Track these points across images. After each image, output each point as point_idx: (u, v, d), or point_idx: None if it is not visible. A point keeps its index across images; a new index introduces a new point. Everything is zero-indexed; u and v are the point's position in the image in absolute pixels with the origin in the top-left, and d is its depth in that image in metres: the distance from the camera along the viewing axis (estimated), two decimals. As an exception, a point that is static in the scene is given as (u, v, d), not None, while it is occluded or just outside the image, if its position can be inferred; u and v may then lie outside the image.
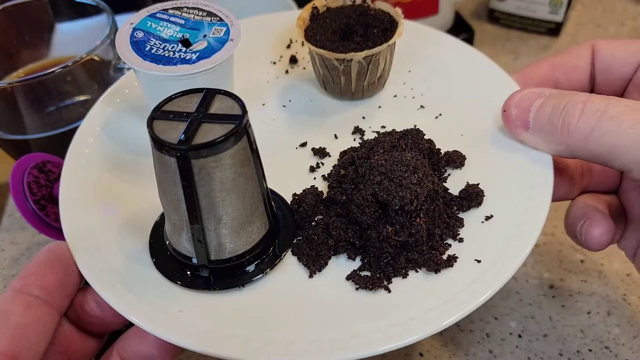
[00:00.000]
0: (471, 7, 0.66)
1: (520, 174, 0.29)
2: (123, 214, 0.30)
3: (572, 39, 0.60)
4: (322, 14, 0.34)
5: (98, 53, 0.39)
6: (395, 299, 0.25)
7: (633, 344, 0.34)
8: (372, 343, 0.24)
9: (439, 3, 0.50)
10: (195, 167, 0.22)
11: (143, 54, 0.29)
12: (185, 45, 0.29)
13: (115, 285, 0.26)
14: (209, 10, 0.31)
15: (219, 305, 0.26)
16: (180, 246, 0.26)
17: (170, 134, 0.22)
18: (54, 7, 0.44)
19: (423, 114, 0.34)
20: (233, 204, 0.24)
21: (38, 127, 0.40)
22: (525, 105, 0.29)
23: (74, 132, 0.39)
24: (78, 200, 0.30)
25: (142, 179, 0.31)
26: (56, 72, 0.36)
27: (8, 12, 0.43)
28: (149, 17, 0.30)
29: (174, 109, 0.23)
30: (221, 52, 0.29)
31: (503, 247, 0.26)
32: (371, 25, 0.33)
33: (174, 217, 0.25)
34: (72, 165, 0.31)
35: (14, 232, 0.45)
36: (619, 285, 0.37)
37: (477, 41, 0.59)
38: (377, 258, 0.26)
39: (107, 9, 0.42)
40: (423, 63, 0.37)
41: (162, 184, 0.24)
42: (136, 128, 0.33)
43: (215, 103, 0.24)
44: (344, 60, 0.31)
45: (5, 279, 0.41)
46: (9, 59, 0.44)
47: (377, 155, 0.27)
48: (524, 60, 0.57)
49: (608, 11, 0.64)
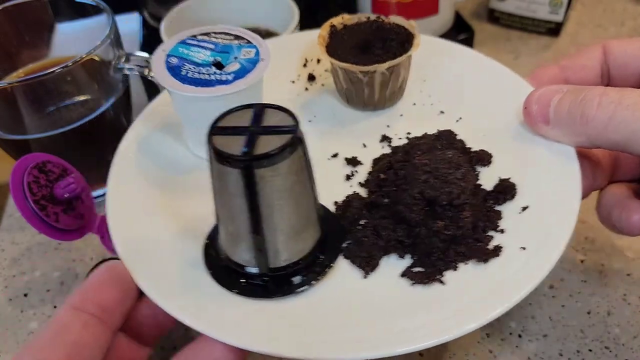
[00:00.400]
0: (471, 7, 0.66)
1: (547, 166, 0.30)
2: (171, 228, 0.31)
3: (572, 39, 0.60)
4: (340, 31, 0.36)
5: (98, 53, 0.39)
6: (450, 290, 0.27)
7: (633, 344, 0.34)
8: (440, 331, 0.25)
9: (439, 3, 0.50)
10: (258, 177, 0.23)
11: (181, 78, 0.30)
12: (219, 68, 0.31)
13: (176, 297, 0.27)
14: (235, 33, 0.32)
15: (279, 311, 0.27)
16: (236, 256, 0.27)
17: (231, 147, 0.23)
18: (54, 7, 0.44)
19: (444, 119, 0.36)
20: (290, 212, 0.25)
21: (38, 127, 0.40)
22: (545, 101, 0.30)
23: (74, 132, 0.39)
24: (126, 217, 0.31)
25: (184, 193, 0.32)
26: (56, 72, 0.36)
27: (8, 12, 0.43)
28: (180, 44, 0.32)
29: (229, 125, 0.24)
30: (255, 72, 0.30)
31: (544, 235, 0.28)
32: (389, 38, 0.35)
33: (231, 227, 0.26)
34: (116, 183, 0.32)
35: (14, 232, 0.45)
36: (619, 285, 0.37)
37: (477, 41, 0.59)
38: (427, 254, 0.27)
39: (107, 9, 0.42)
40: (436, 71, 0.38)
41: (221, 197, 0.25)
42: (173, 146, 0.35)
43: (267, 116, 0.25)
44: (368, 72, 0.33)
45: (5, 279, 0.41)
46: (9, 59, 0.44)
47: (418, 156, 0.28)
48: (524, 60, 0.57)
49: (608, 11, 0.64)
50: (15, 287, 0.41)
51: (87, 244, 0.43)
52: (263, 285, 0.27)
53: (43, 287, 0.41)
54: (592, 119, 0.28)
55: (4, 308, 0.39)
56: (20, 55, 0.44)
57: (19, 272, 0.42)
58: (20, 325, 0.38)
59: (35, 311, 0.39)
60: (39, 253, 0.43)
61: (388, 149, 0.34)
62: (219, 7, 0.47)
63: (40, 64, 0.44)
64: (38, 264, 0.42)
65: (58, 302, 0.39)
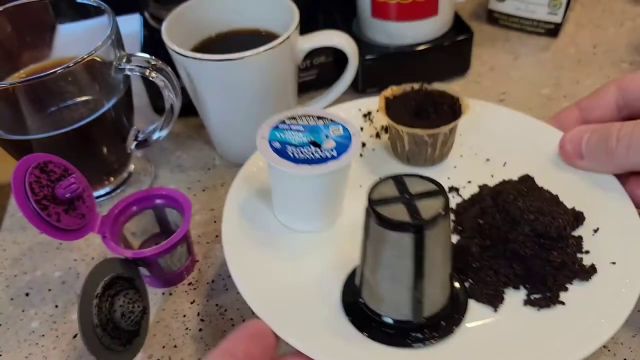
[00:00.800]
0: (470, 8, 0.67)
1: (595, 192, 0.36)
2: (292, 280, 0.34)
3: (571, 40, 0.60)
4: (393, 100, 0.40)
5: (99, 54, 0.39)
6: (571, 309, 0.31)
7: (631, 343, 0.34)
8: (577, 347, 0.28)
9: (438, 4, 0.51)
10: (427, 238, 0.25)
11: (292, 159, 0.32)
12: (317, 147, 0.33)
13: (320, 344, 0.29)
14: (317, 115, 0.35)
15: (434, 357, 0.29)
16: (394, 312, 0.29)
17: (398, 215, 0.25)
18: (56, 8, 0.44)
19: (491, 165, 0.40)
20: (443, 264, 0.28)
21: (40, 128, 0.40)
22: (576, 140, 0.37)
23: (75, 132, 0.40)
24: (250, 274, 0.33)
25: (290, 252, 0.36)
26: (57, 72, 0.37)
27: (9, 13, 0.43)
28: (274, 130, 0.34)
29: (382, 197, 0.27)
30: (354, 144, 0.33)
31: (622, 249, 0.33)
32: (439, 103, 0.39)
33: (388, 284, 0.28)
34: (232, 246, 0.35)
35: (16, 231, 0.45)
36: (618, 285, 0.37)
37: (476, 42, 0.59)
38: (542, 281, 0.31)
39: (109, 10, 0.42)
40: (470, 126, 0.42)
41: (379, 261, 0.27)
42: (269, 208, 0.38)
43: (410, 184, 0.27)
44: (433, 134, 0.37)
45: (7, 278, 0.42)
46: (10, 60, 0.44)
47: (520, 200, 0.32)
48: (523, 61, 0.58)
49: (607, 12, 0.64)
50: (17, 287, 0.41)
51: (89, 244, 0.43)
52: (421, 334, 0.29)
53: (44, 287, 0.41)
54: (615, 150, 0.35)
55: (6, 307, 0.40)
56: (21, 56, 0.44)
57: (21, 271, 0.42)
58: (22, 324, 0.38)
59: (37, 310, 0.39)
60: (40, 253, 0.43)
61: (459, 197, 0.38)
62: (220, 8, 0.47)
63: (42, 65, 0.44)
64: (39, 264, 0.42)
65: (59, 302, 0.40)
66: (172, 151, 0.51)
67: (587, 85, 0.54)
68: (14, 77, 0.43)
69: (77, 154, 0.42)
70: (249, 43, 0.41)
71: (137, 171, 0.49)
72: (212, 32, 0.47)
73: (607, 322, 0.30)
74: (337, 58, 0.52)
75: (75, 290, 0.40)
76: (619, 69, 0.56)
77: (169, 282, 0.40)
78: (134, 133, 0.46)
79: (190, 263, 0.40)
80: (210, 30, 0.47)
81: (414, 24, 0.52)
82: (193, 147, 0.51)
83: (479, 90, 0.55)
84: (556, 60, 0.58)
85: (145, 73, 0.41)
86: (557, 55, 0.58)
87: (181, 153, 0.51)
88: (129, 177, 0.48)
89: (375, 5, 0.51)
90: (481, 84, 0.55)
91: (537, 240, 0.31)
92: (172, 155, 0.51)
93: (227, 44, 0.47)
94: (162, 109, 0.46)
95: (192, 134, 0.53)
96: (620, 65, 0.56)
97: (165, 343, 0.37)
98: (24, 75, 0.43)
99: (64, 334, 0.38)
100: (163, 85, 0.42)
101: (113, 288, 0.34)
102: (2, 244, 0.44)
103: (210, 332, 0.37)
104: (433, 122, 0.37)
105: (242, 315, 0.38)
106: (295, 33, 0.42)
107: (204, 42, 0.47)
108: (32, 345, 0.37)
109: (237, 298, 0.39)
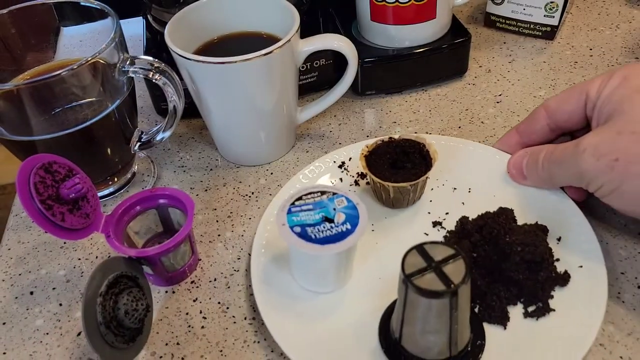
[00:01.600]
0: (468, 11, 0.67)
1: (549, 204, 0.42)
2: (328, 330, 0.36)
3: (567, 42, 0.61)
4: (370, 157, 0.43)
5: (103, 56, 0.39)
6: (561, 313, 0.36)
7: (627, 341, 0.35)
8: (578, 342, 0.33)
9: (436, 7, 0.51)
10: (459, 296, 0.29)
11: (316, 241, 0.34)
12: (330, 222, 0.35)
13: None
14: (318, 190, 0.37)
15: None
16: (436, 355, 0.33)
17: (432, 284, 0.29)
18: (60, 11, 0.45)
19: (459, 193, 0.45)
20: (468, 307, 0.32)
21: (44, 129, 0.41)
22: (518, 164, 0.43)
23: (79, 133, 0.40)
24: (285, 326, 0.36)
25: (314, 313, 0.37)
26: (62, 74, 0.37)
27: (14, 16, 0.43)
28: (289, 215, 0.35)
29: (415, 269, 0.30)
30: (363, 214, 0.35)
31: (583, 251, 0.38)
32: (410, 152, 0.43)
33: (430, 337, 0.32)
34: (268, 307, 0.37)
35: (20, 231, 0.46)
36: (614, 284, 0.38)
37: (473, 44, 0.59)
38: (534, 295, 0.36)
39: (112, 13, 0.42)
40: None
41: (420, 319, 0.31)
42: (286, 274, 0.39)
43: (431, 252, 0.31)
44: (415, 183, 0.41)
45: (12, 277, 0.42)
46: (15, 62, 0.45)
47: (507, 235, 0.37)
48: (520, 63, 0.58)
49: (603, 14, 0.65)
50: (22, 286, 0.41)
51: (93, 243, 0.44)
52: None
53: (49, 286, 0.41)
54: (543, 172, 0.40)
55: (11, 306, 0.40)
56: (26, 58, 0.45)
57: (25, 270, 0.43)
58: (26, 322, 0.39)
59: (41, 309, 0.40)
60: (44, 252, 0.44)
61: (444, 230, 0.42)
62: (222, 11, 0.47)
63: (46, 67, 0.45)
64: (44, 263, 0.43)
65: (63, 300, 0.40)
66: (175, 152, 0.52)
67: (583, 88, 0.55)
68: (18, 79, 0.44)
69: (81, 155, 0.42)
70: (250, 46, 0.42)
71: (141, 172, 0.50)
72: (214, 35, 0.48)
73: (594, 315, 0.34)
74: (337, 60, 0.53)
75: (80, 288, 0.41)
76: (615, 71, 0.57)
77: (172, 281, 0.40)
78: (138, 134, 0.46)
79: (192, 262, 0.41)
80: (212, 33, 0.48)
81: (412, 27, 0.52)
82: (196, 148, 0.52)
83: (476, 92, 0.55)
84: (552, 63, 0.58)
85: (148, 75, 0.42)
86: (553, 57, 0.59)
87: (184, 154, 0.52)
88: (133, 178, 0.49)
89: (375, 9, 0.52)
90: (478, 86, 0.56)
91: (526, 265, 0.36)
92: (175, 156, 0.51)
93: (229, 47, 0.47)
94: (165, 110, 0.46)
95: (195, 135, 0.53)
96: (616, 68, 0.57)
97: (168, 340, 0.37)
98: (28, 77, 0.44)
99: (68, 332, 0.38)
100: (166, 87, 0.42)
101: (117, 286, 0.34)
102: (7, 243, 0.45)
103: (212, 329, 0.37)
104: (409, 171, 0.42)
105: (244, 313, 0.38)
106: (296, 36, 0.43)
107: (206, 45, 0.47)
108: (36, 343, 0.38)
109: (239, 296, 0.39)
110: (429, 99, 0.55)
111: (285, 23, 0.44)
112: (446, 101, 0.55)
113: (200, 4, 0.47)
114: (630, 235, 0.41)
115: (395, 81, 0.55)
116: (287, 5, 0.45)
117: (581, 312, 0.35)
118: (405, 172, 0.42)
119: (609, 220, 0.42)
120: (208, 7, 0.47)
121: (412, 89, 0.56)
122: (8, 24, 0.44)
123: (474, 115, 0.53)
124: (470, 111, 0.53)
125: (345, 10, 0.58)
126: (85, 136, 0.41)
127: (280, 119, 0.47)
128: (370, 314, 0.36)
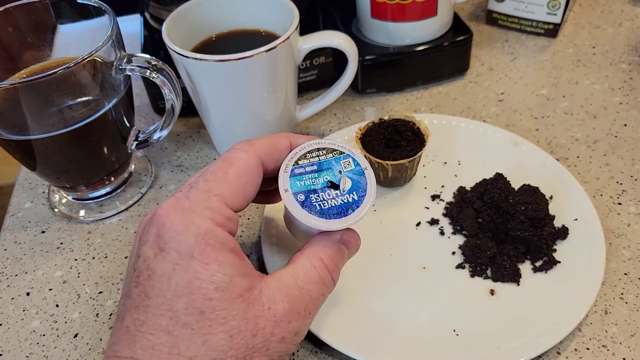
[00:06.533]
0: (469, 8, 0.67)
1: (536, 167, 0.44)
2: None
3: (569, 40, 0.60)
4: (365, 138, 0.44)
5: (100, 54, 0.39)
6: (566, 264, 0.38)
7: (630, 343, 0.34)
8: (587, 288, 0.36)
9: (437, 5, 0.51)
10: None
11: (322, 214, 0.30)
12: (335, 188, 0.31)
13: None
14: (326, 146, 0.33)
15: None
16: None
17: None
18: (56, 8, 0.44)
19: (450, 167, 0.46)
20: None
21: (40, 128, 0.40)
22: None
23: (76, 132, 0.40)
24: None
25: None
26: (58, 72, 0.37)
27: (10, 13, 0.43)
28: (292, 178, 0.31)
29: None
30: (371, 183, 0.32)
31: (576, 207, 0.41)
32: (402, 131, 0.44)
33: None
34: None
35: (17, 231, 0.45)
36: (617, 284, 0.38)
37: (475, 42, 0.59)
38: (540, 250, 0.39)
39: (109, 11, 0.42)
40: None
41: None
42: None
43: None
44: (413, 159, 0.42)
45: (8, 278, 0.42)
46: (11, 60, 0.44)
47: (510, 197, 0.40)
48: (522, 61, 0.58)
49: (606, 12, 0.64)
50: (18, 286, 0.41)
51: (90, 243, 0.44)
52: None
53: (45, 286, 0.41)
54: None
55: (7, 307, 0.40)
56: (22, 56, 0.44)
57: (21, 271, 0.42)
58: (23, 323, 0.39)
59: (38, 310, 0.39)
60: (41, 252, 0.43)
61: (443, 202, 0.44)
62: (220, 9, 0.47)
63: (43, 65, 0.44)
64: (40, 263, 0.43)
65: (60, 301, 0.40)
66: (172, 151, 0.51)
67: (585, 86, 0.54)
68: (14, 77, 0.43)
69: (77, 154, 0.42)
70: (249, 43, 0.41)
71: (138, 171, 0.49)
72: (212, 33, 0.48)
73: (596, 259, 0.37)
74: (336, 58, 0.52)
75: (76, 289, 0.40)
76: (618, 69, 0.56)
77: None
78: (135, 133, 0.46)
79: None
80: (211, 31, 0.48)
81: (413, 24, 0.52)
82: (193, 147, 0.52)
83: (478, 90, 0.55)
84: (555, 61, 0.58)
85: (145, 73, 0.41)
86: (556, 55, 0.58)
87: (182, 153, 0.51)
88: (130, 177, 0.48)
89: (375, 6, 0.51)
90: (480, 84, 0.56)
91: (531, 222, 0.39)
92: (172, 155, 0.51)
93: (227, 45, 0.47)
94: (162, 109, 0.46)
95: (193, 134, 0.53)
96: (619, 66, 0.57)
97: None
98: (24, 75, 0.43)
99: (64, 333, 0.38)
100: (163, 86, 0.42)
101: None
102: (3, 244, 0.44)
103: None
104: (405, 149, 0.43)
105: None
106: (296, 33, 0.43)
107: (204, 42, 0.47)
108: (32, 344, 0.37)
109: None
110: (430, 97, 0.55)
111: (285, 20, 0.43)
112: (448, 100, 0.54)
113: (198, 1, 0.46)
114: (633, 235, 0.41)
115: (396, 79, 0.55)
116: (286, 2, 0.45)
117: (584, 259, 0.38)
118: (401, 150, 0.43)
119: (612, 221, 0.42)
120: (206, 4, 0.47)
121: (413, 87, 0.56)
122: (4, 22, 0.43)
123: (476, 114, 0.52)
124: (472, 110, 0.53)
125: (345, 8, 0.57)
126: (81, 135, 0.41)
127: (280, 117, 0.47)
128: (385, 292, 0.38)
